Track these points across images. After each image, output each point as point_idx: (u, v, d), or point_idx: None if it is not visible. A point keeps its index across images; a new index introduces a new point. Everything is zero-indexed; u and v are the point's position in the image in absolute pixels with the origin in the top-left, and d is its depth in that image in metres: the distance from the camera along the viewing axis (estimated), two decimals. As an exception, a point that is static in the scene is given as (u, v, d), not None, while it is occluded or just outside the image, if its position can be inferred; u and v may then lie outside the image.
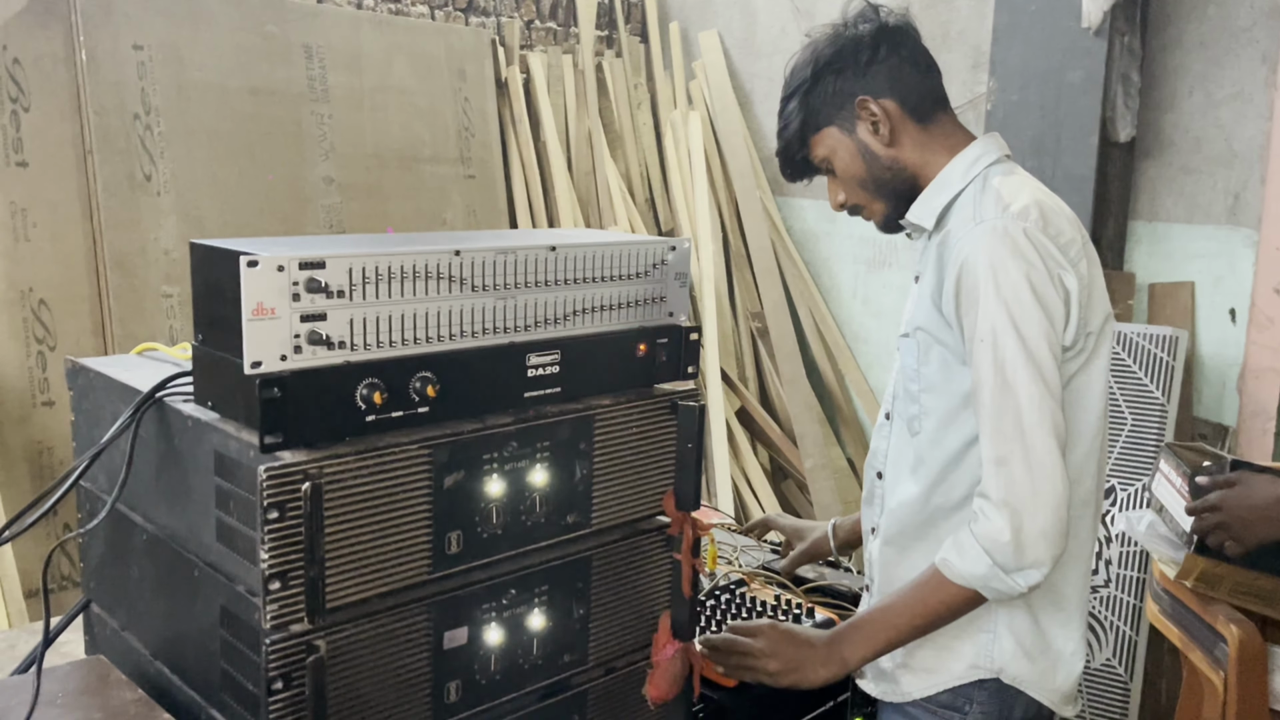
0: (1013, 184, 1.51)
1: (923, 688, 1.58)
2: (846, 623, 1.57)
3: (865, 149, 1.59)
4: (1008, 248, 1.42)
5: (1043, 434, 1.40)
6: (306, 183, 3.66)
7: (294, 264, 1.14)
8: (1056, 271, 1.44)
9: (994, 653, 1.54)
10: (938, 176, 1.58)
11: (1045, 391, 1.41)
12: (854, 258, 4.38)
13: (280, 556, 1.15)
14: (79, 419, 1.56)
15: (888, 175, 1.60)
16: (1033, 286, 1.41)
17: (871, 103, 1.57)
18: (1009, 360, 1.41)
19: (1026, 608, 1.54)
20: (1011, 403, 1.41)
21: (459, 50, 4.13)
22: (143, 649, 1.47)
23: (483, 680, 1.36)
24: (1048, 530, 1.40)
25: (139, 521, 1.43)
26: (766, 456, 4.42)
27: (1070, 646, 1.56)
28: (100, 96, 3.20)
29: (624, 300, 1.48)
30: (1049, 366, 1.42)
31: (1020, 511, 1.40)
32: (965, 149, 1.58)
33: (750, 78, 4.67)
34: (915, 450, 1.57)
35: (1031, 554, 1.40)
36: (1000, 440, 1.42)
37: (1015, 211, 1.45)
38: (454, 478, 1.29)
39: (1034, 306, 1.41)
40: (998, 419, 1.42)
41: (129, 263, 3.24)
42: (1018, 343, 1.41)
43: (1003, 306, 1.41)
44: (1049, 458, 1.40)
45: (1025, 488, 1.40)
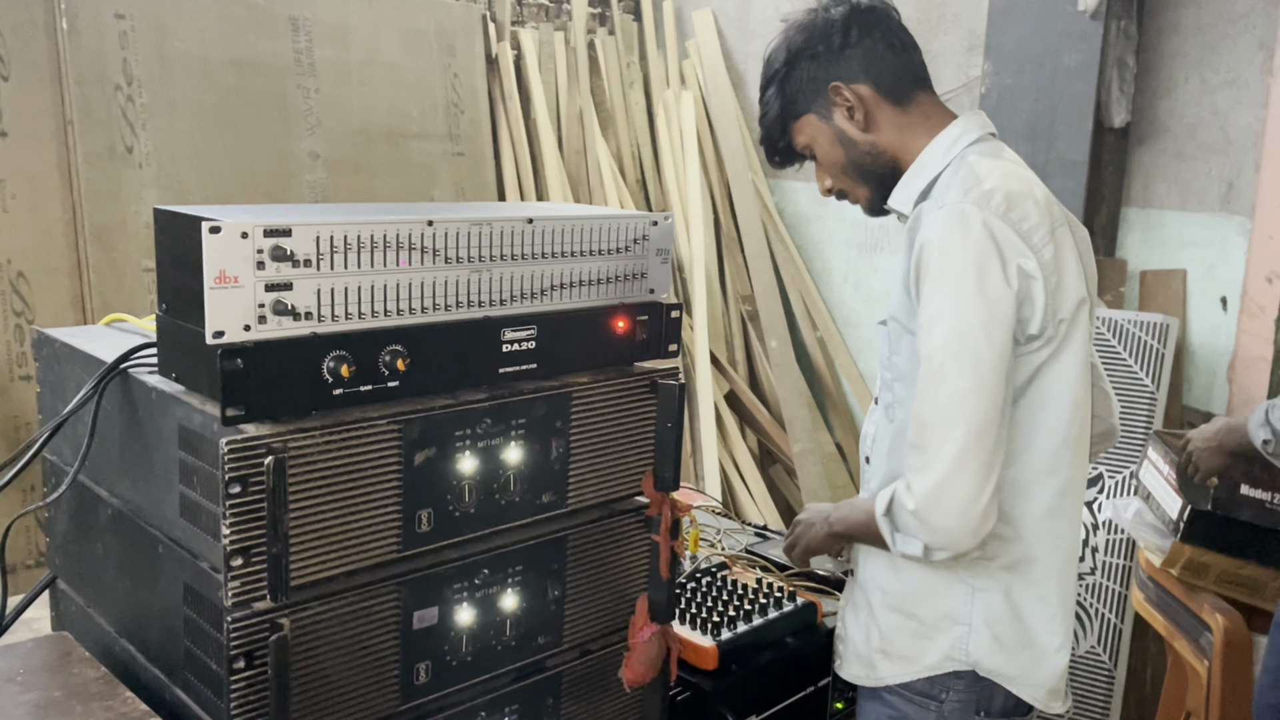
0: (985, 166, 1.47)
1: (898, 674, 1.56)
2: (846, 501, 1.65)
3: (843, 135, 1.57)
4: (959, 234, 1.40)
5: (961, 429, 1.38)
6: (291, 157, 3.61)
7: (258, 231, 1.11)
8: (1015, 260, 1.40)
9: (969, 646, 1.51)
10: (918, 159, 1.55)
11: (976, 385, 1.38)
12: (845, 241, 4.35)
13: (243, 532, 1.12)
14: (44, 390, 1.52)
15: (867, 160, 1.58)
16: (979, 276, 1.39)
17: (845, 88, 1.55)
18: (939, 349, 1.39)
19: (1006, 601, 1.51)
20: (936, 391, 1.40)
21: (449, 25, 4.07)
22: (107, 625, 1.44)
23: (454, 662, 1.34)
24: (950, 525, 1.40)
25: (103, 495, 1.40)
26: (755, 441, 4.40)
27: (1055, 641, 1.52)
28: (81, 66, 3.14)
29: (603, 275, 1.44)
30: (986, 359, 1.38)
31: (926, 497, 1.40)
32: (945, 129, 1.55)
33: (744, 58, 4.62)
34: (891, 436, 1.55)
35: (929, 537, 1.42)
36: (920, 426, 1.42)
37: (976, 197, 1.42)
38: (425, 454, 1.26)
39: (976, 298, 1.38)
40: (920, 404, 1.42)
41: (109, 236, 3.19)
42: (954, 333, 1.39)
43: (946, 294, 1.39)
44: (961, 453, 1.38)
45: (930, 478, 1.39)
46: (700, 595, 1.86)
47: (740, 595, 1.87)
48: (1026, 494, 1.49)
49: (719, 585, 1.90)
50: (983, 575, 1.50)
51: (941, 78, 3.88)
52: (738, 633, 1.74)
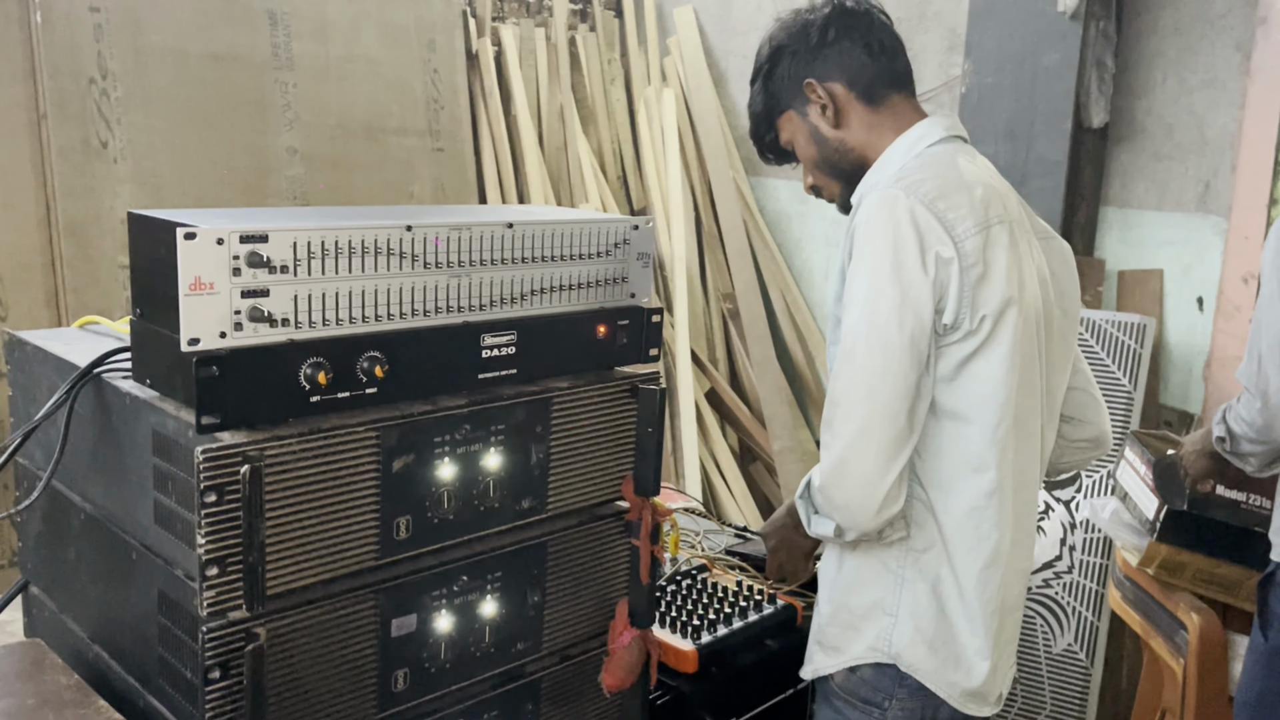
0: (933, 156, 1.51)
1: (830, 665, 1.58)
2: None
3: (816, 131, 1.62)
4: (884, 217, 1.42)
5: (864, 408, 1.41)
6: (269, 153, 3.58)
7: (234, 237, 1.09)
8: (934, 247, 1.40)
9: (893, 636, 1.52)
10: (880, 157, 1.58)
11: (883, 367, 1.40)
12: (826, 239, 4.35)
13: (218, 541, 1.11)
14: (16, 394, 1.50)
15: (836, 156, 1.62)
16: (895, 260, 1.40)
17: (817, 85, 1.59)
18: (853, 329, 1.42)
19: (932, 595, 1.51)
20: (845, 371, 1.43)
21: (429, 20, 4.05)
22: (81, 632, 1.42)
23: (432, 669, 1.33)
24: (850, 503, 1.43)
25: (76, 501, 1.38)
26: (736, 439, 4.40)
27: (975, 644, 1.51)
28: (55, 59, 3.10)
29: (584, 280, 1.44)
30: (895, 343, 1.40)
31: (829, 476, 1.44)
32: (910, 129, 1.57)
33: (725, 55, 4.62)
34: None
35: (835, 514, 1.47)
36: (829, 405, 1.45)
37: (907, 184, 1.44)
38: (403, 461, 1.25)
39: (890, 281, 1.40)
40: (833, 383, 1.46)
41: (83, 232, 3.15)
42: (867, 314, 1.41)
43: (864, 276, 1.42)
44: (863, 434, 1.41)
45: (834, 456, 1.43)
46: (680, 598, 1.86)
47: (720, 598, 1.87)
48: (949, 489, 1.48)
49: (699, 588, 1.90)
50: (910, 566, 1.51)
51: (922, 77, 3.88)
52: (718, 636, 1.74)
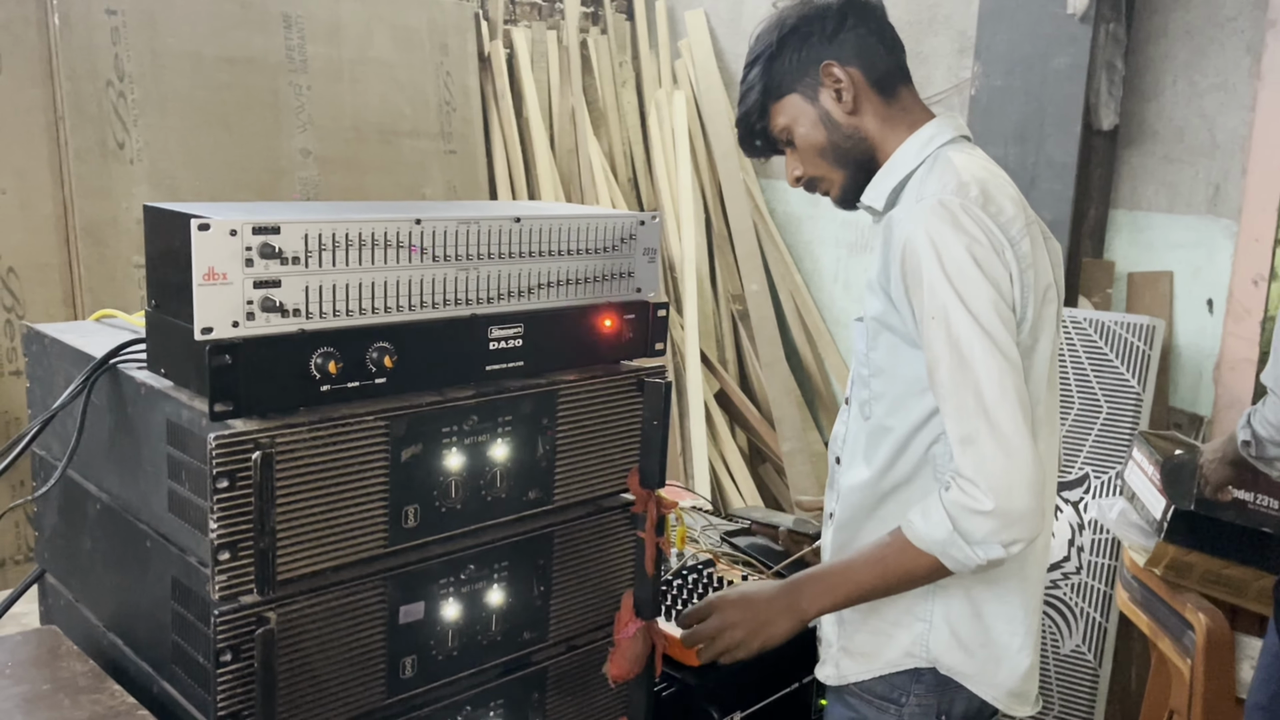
0: (959, 161, 1.48)
1: (859, 672, 1.56)
2: (805, 573, 1.54)
3: (827, 116, 1.56)
4: (948, 223, 1.39)
5: (1007, 408, 1.36)
6: (283, 154, 3.62)
7: (247, 228, 1.12)
8: (1002, 247, 1.41)
9: (929, 642, 1.51)
10: (892, 157, 1.55)
11: (1005, 364, 1.37)
12: (836, 241, 4.37)
13: (230, 527, 1.13)
14: (34, 385, 1.53)
15: (848, 144, 1.57)
16: (976, 260, 1.38)
17: (837, 67, 1.54)
18: (963, 336, 1.37)
19: (966, 598, 1.50)
20: (970, 379, 1.37)
21: (441, 23, 4.08)
22: (95, 620, 1.45)
23: (439, 656, 1.35)
24: (1027, 509, 1.34)
25: (92, 490, 1.41)
26: (745, 440, 4.41)
27: (1015, 641, 1.51)
28: (72, 62, 3.14)
29: (590, 274, 1.46)
30: (1004, 339, 1.38)
31: (998, 488, 1.34)
32: (921, 128, 1.56)
33: (736, 58, 4.64)
34: (867, 434, 1.55)
35: (1009, 532, 1.34)
36: (963, 418, 1.37)
37: (954, 188, 1.43)
38: (411, 450, 1.27)
39: (980, 279, 1.38)
40: (958, 397, 1.38)
41: (100, 231, 3.19)
42: (968, 317, 1.37)
43: (948, 282, 1.38)
44: (1017, 433, 1.35)
45: (998, 464, 1.35)
46: (686, 592, 1.87)
47: (726, 592, 1.88)
48: None
49: (704, 582, 1.92)
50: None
51: (932, 79, 3.90)
52: (723, 629, 1.75)
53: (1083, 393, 3.21)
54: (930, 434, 1.48)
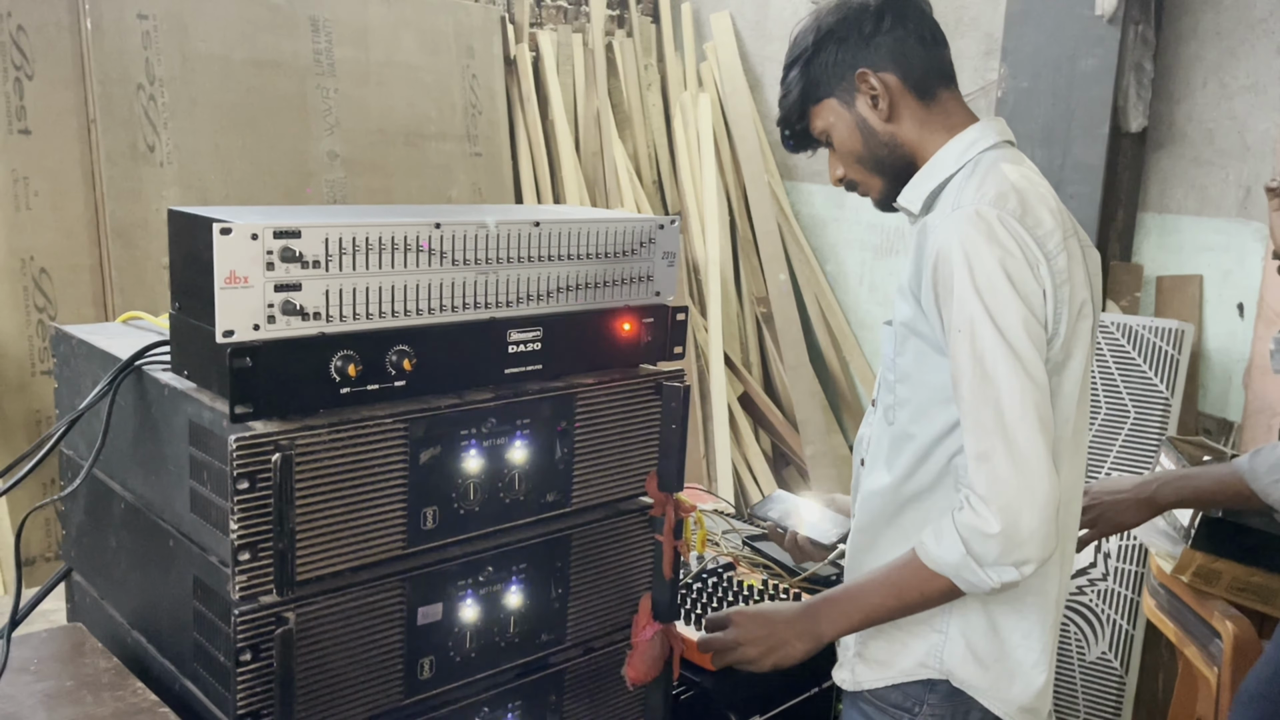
0: (1000, 170, 1.45)
1: (873, 679, 1.55)
2: (822, 595, 1.54)
3: (863, 123, 1.54)
4: (983, 234, 1.37)
5: (1026, 428, 1.34)
6: (310, 157, 3.65)
7: (268, 232, 1.13)
8: (1037, 261, 1.39)
9: (943, 654, 1.50)
10: (931, 160, 1.53)
11: (1028, 383, 1.35)
12: (861, 244, 4.35)
13: (250, 527, 1.14)
14: (62, 386, 1.55)
15: (884, 152, 1.55)
16: (1008, 274, 1.36)
17: (871, 75, 1.51)
18: (988, 351, 1.35)
19: (983, 611, 1.49)
20: (991, 395, 1.35)
21: (468, 27, 4.10)
22: (120, 617, 1.47)
23: (457, 657, 1.36)
24: (1037, 530, 1.33)
25: (117, 490, 1.43)
26: (768, 442, 4.41)
27: (1031, 657, 1.49)
28: (104, 66, 3.19)
29: (609, 278, 1.46)
30: (1030, 357, 1.36)
31: (1008, 508, 1.33)
32: (963, 132, 1.53)
33: (761, 60, 4.63)
34: (890, 440, 1.54)
35: (1019, 553, 1.34)
36: (981, 435, 1.36)
37: (992, 198, 1.40)
38: (430, 453, 1.28)
39: (1010, 295, 1.36)
40: (978, 412, 1.36)
41: (130, 233, 3.23)
42: (995, 333, 1.35)
43: (978, 296, 1.36)
44: (1034, 453, 1.34)
45: (1010, 484, 1.34)
46: (706, 595, 1.87)
47: (745, 596, 1.88)
48: None
49: (724, 586, 1.92)
50: None
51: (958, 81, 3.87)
52: (742, 633, 1.75)
53: (1110, 398, 3.18)
54: (953, 444, 1.47)
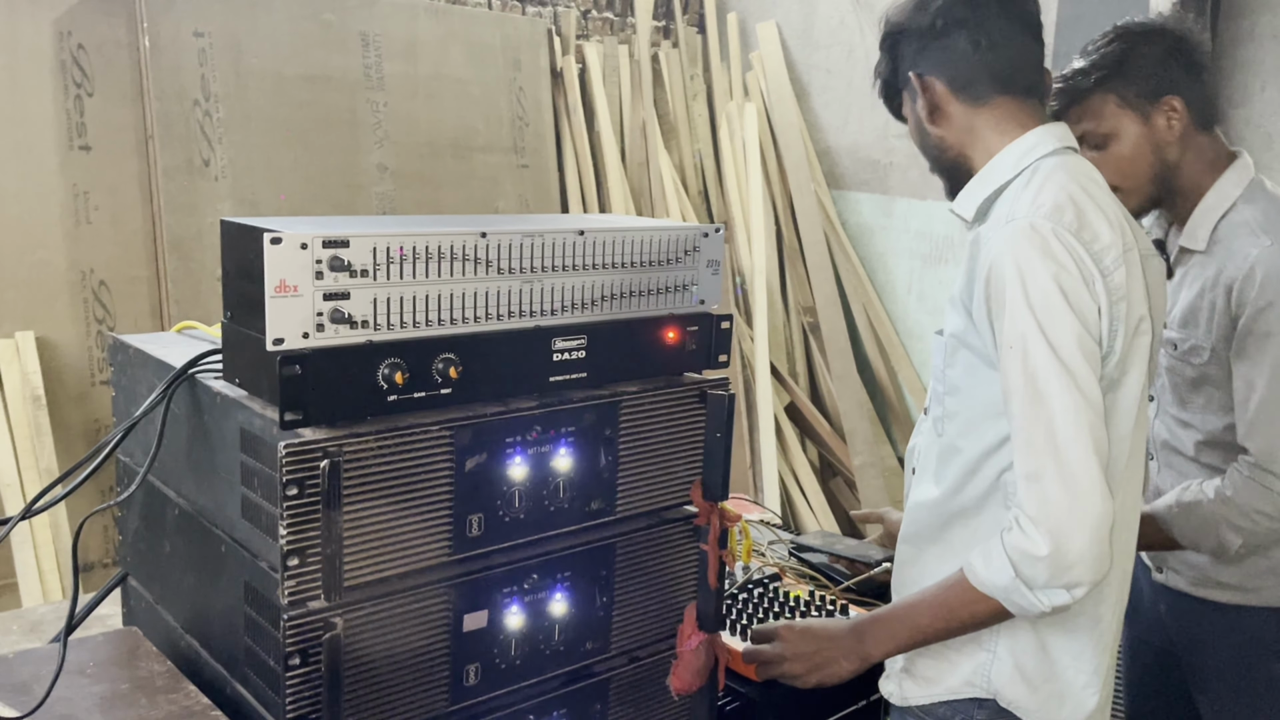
0: (1056, 180, 1.42)
1: (921, 696, 1.53)
2: (870, 615, 1.53)
3: (918, 122, 1.58)
4: (1037, 248, 1.34)
5: (1079, 448, 1.31)
6: (360, 170, 3.71)
7: (317, 242, 1.15)
8: (1092, 277, 1.36)
9: (991, 673, 1.47)
10: (986, 166, 1.50)
11: (1082, 401, 1.32)
12: (910, 253, 4.31)
13: (299, 533, 1.16)
14: (119, 394, 1.59)
15: (935, 152, 1.58)
16: (1063, 290, 1.33)
17: (917, 79, 1.54)
18: (1040, 369, 1.33)
19: (1033, 631, 1.46)
20: (1044, 414, 1.33)
21: (514, 39, 4.15)
22: (174, 622, 1.49)
23: (502, 664, 1.36)
24: (1086, 552, 1.30)
25: (171, 496, 1.45)
26: (815, 453, 4.38)
27: (1081, 679, 1.46)
28: (162, 82, 3.27)
29: (653, 287, 1.46)
30: (1084, 375, 1.33)
31: (1057, 530, 1.30)
32: (1020, 137, 1.49)
33: (808, 69, 4.62)
34: (939, 452, 1.52)
35: (1068, 575, 1.31)
36: (1032, 454, 1.34)
37: (1047, 211, 1.37)
38: (476, 460, 1.28)
39: (1065, 311, 1.33)
40: (1029, 431, 1.34)
41: (186, 246, 3.30)
42: (1048, 350, 1.32)
43: (1031, 312, 1.33)
44: (1086, 473, 1.31)
45: (1061, 505, 1.31)
46: (751, 606, 1.86)
47: (791, 607, 1.87)
48: None
49: (770, 596, 1.91)
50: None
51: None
52: (788, 644, 1.73)
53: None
54: (1002, 459, 1.44)
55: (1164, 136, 1.81)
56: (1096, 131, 1.83)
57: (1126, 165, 1.82)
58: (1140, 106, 1.81)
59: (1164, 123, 1.80)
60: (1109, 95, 1.82)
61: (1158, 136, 1.81)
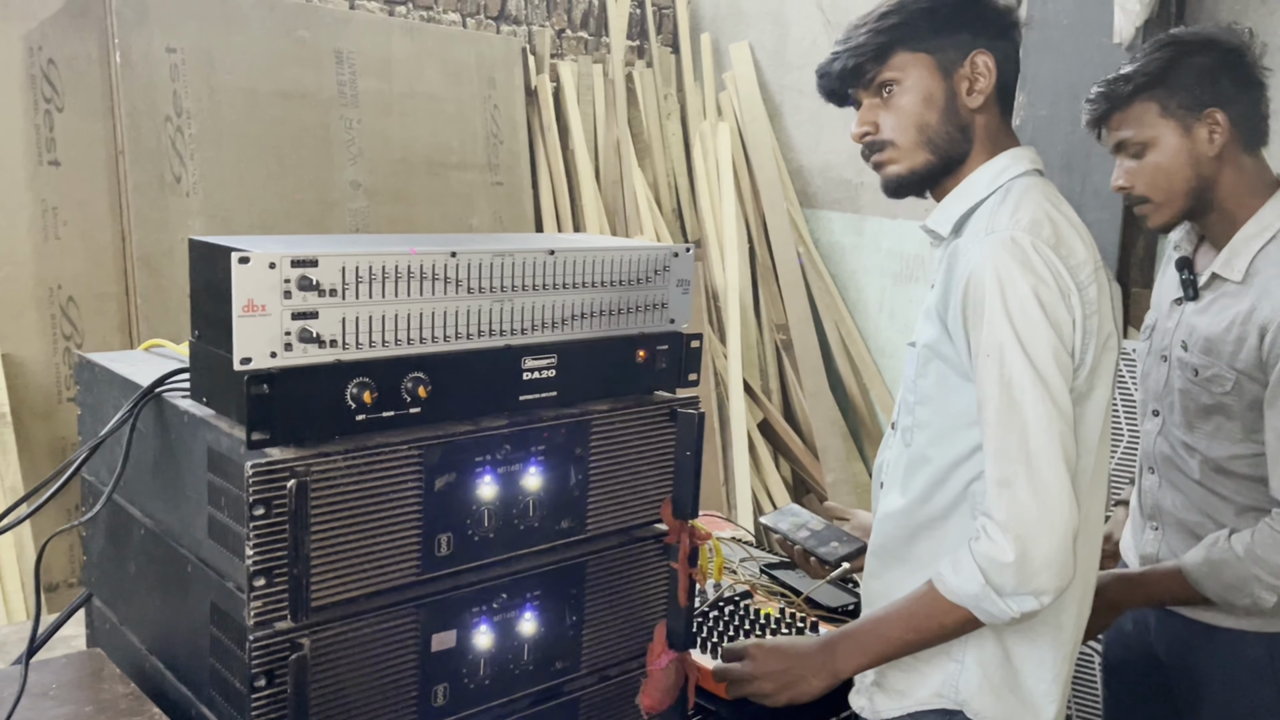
0: (1032, 198, 1.45)
1: (892, 709, 1.54)
2: (840, 631, 1.54)
3: (951, 99, 1.49)
4: (1017, 260, 1.37)
5: (1049, 456, 1.34)
6: (333, 186, 3.70)
7: (286, 261, 1.15)
8: (1069, 290, 1.39)
9: (959, 684, 1.49)
10: (964, 181, 1.52)
11: (1054, 411, 1.35)
12: (881, 271, 4.35)
13: (266, 553, 1.15)
14: (85, 413, 1.57)
15: (953, 134, 1.50)
16: (1041, 302, 1.36)
17: (988, 58, 1.48)
18: (1015, 378, 1.35)
19: (997, 640, 1.48)
20: (1017, 422, 1.35)
21: (489, 58, 4.16)
22: (139, 643, 1.48)
23: (471, 684, 1.36)
24: (1052, 558, 1.34)
25: (137, 516, 1.44)
26: (789, 470, 4.39)
27: (1042, 688, 1.48)
28: (133, 98, 3.25)
29: (623, 306, 1.47)
30: (1058, 385, 1.36)
31: (1025, 536, 1.34)
32: (997, 156, 1.52)
33: (780, 90, 4.66)
34: (907, 462, 1.54)
35: (1035, 581, 1.34)
36: (1004, 461, 1.36)
37: (1027, 225, 1.40)
38: (445, 479, 1.28)
39: (1042, 323, 1.36)
40: (1002, 438, 1.37)
41: (156, 262, 3.28)
42: (1024, 360, 1.35)
43: (1009, 322, 1.36)
44: (1056, 481, 1.34)
45: (1030, 512, 1.34)
46: (722, 624, 1.87)
47: (762, 624, 1.87)
48: None
49: (741, 614, 1.91)
50: None
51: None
52: (758, 662, 1.74)
53: (1132, 426, 3.15)
54: (971, 469, 1.47)
55: (1203, 150, 1.75)
56: (1135, 139, 1.79)
57: (1162, 176, 1.78)
58: (1182, 117, 1.76)
59: (1205, 135, 1.75)
60: (1150, 103, 1.77)
61: (1197, 149, 1.76)
